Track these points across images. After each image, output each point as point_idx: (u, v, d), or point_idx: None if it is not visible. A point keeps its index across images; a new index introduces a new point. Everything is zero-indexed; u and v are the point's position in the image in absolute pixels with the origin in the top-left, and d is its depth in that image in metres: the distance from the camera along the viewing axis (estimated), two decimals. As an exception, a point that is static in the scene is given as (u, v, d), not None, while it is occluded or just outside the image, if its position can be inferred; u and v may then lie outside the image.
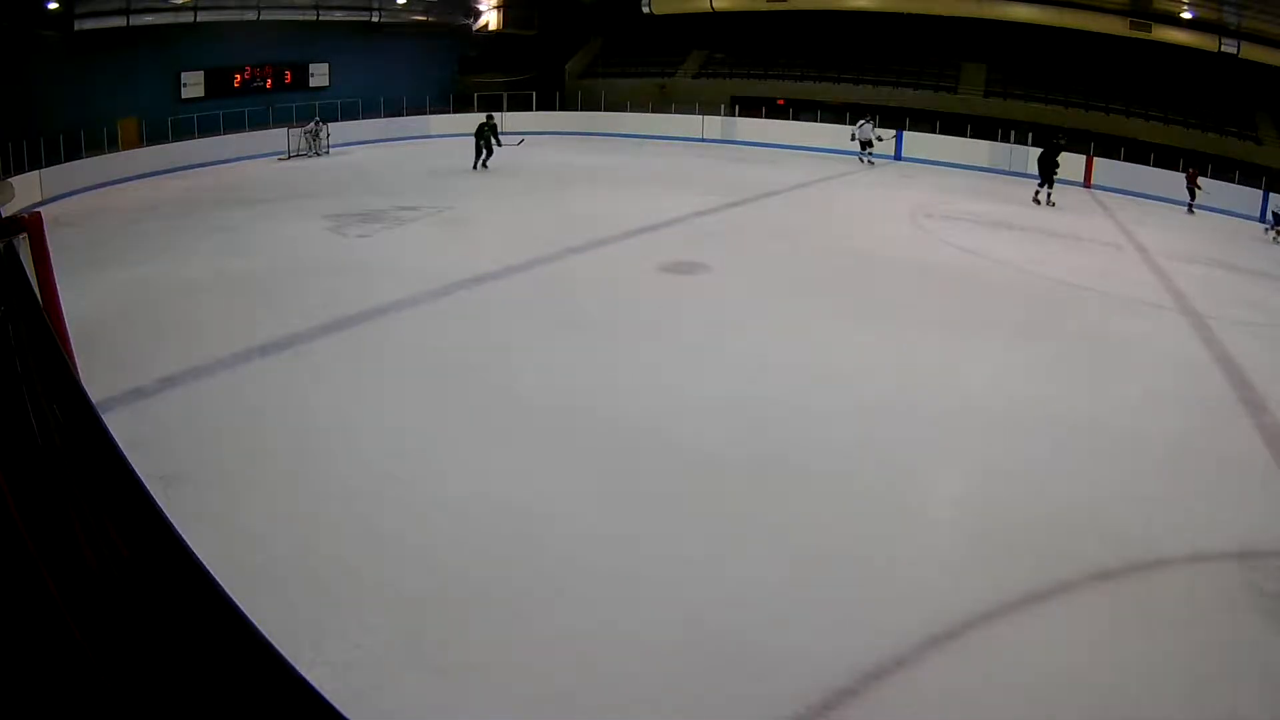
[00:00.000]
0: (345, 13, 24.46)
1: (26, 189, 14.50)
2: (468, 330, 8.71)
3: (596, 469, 5.87)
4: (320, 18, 23.81)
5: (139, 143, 19.44)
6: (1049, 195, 17.03)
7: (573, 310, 9.41)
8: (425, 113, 25.20)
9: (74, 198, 16.02)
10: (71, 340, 4.56)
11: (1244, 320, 10.01)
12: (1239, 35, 19.88)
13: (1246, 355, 8.65)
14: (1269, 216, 16.47)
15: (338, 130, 22.11)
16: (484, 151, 19.14)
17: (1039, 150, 18.17)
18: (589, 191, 16.83)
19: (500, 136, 19.58)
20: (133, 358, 7.52)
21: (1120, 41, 21.48)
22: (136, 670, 1.01)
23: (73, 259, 9.70)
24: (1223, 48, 20.15)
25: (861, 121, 21.87)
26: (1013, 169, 21.14)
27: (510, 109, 26.45)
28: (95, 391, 5.09)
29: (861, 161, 21.68)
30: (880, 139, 21.66)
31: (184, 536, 1.26)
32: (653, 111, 25.90)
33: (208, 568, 1.17)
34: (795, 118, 24.94)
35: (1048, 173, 17.07)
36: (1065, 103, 22.23)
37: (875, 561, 4.91)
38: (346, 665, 3.85)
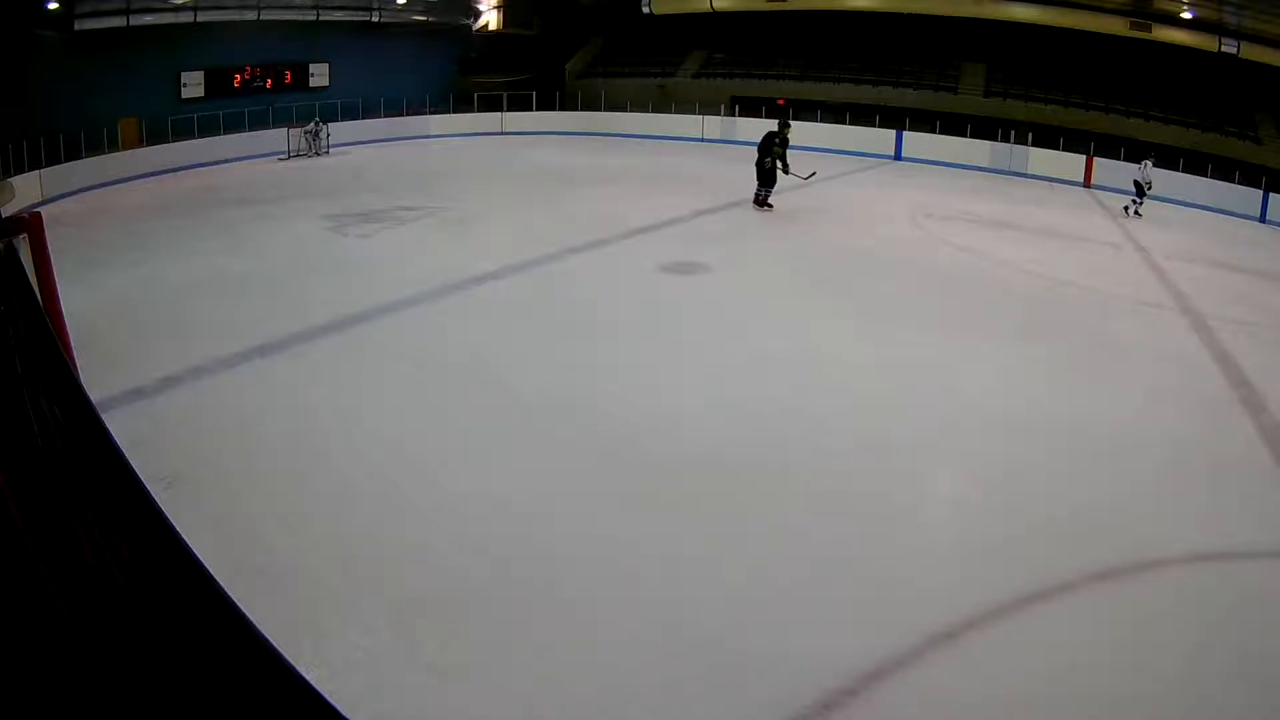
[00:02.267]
0: (345, 13, 24.47)
1: (26, 189, 14.50)
2: (468, 330, 8.71)
3: (596, 469, 5.87)
4: (320, 18, 23.82)
5: (139, 143, 19.44)
6: None
7: (573, 310, 9.41)
8: (425, 113, 25.21)
9: (74, 198, 16.03)
10: (71, 340, 4.56)
11: (1244, 320, 10.01)
12: (1239, 35, 19.89)
13: (1246, 355, 8.64)
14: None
15: (338, 130, 22.11)
16: (769, 180, 13.76)
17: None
18: (589, 191, 16.83)
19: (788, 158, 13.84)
20: (133, 358, 7.52)
21: (1120, 41, 21.49)
22: (137, 671, 1.01)
23: (73, 259, 9.71)
24: (1223, 48, 20.16)
25: (1147, 161, 16.86)
26: (1013, 169, 21.15)
27: (510, 109, 26.46)
28: (95, 391, 5.08)
29: (1128, 212, 16.59)
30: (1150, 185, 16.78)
31: (184, 537, 1.26)
32: (653, 111, 25.90)
33: (208, 568, 1.17)
34: (795, 118, 24.89)
35: None
36: (1065, 103, 22.24)
37: (875, 562, 4.91)
38: (346, 665, 3.85)
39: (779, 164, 13.70)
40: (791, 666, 3.94)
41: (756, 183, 13.95)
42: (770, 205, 13.78)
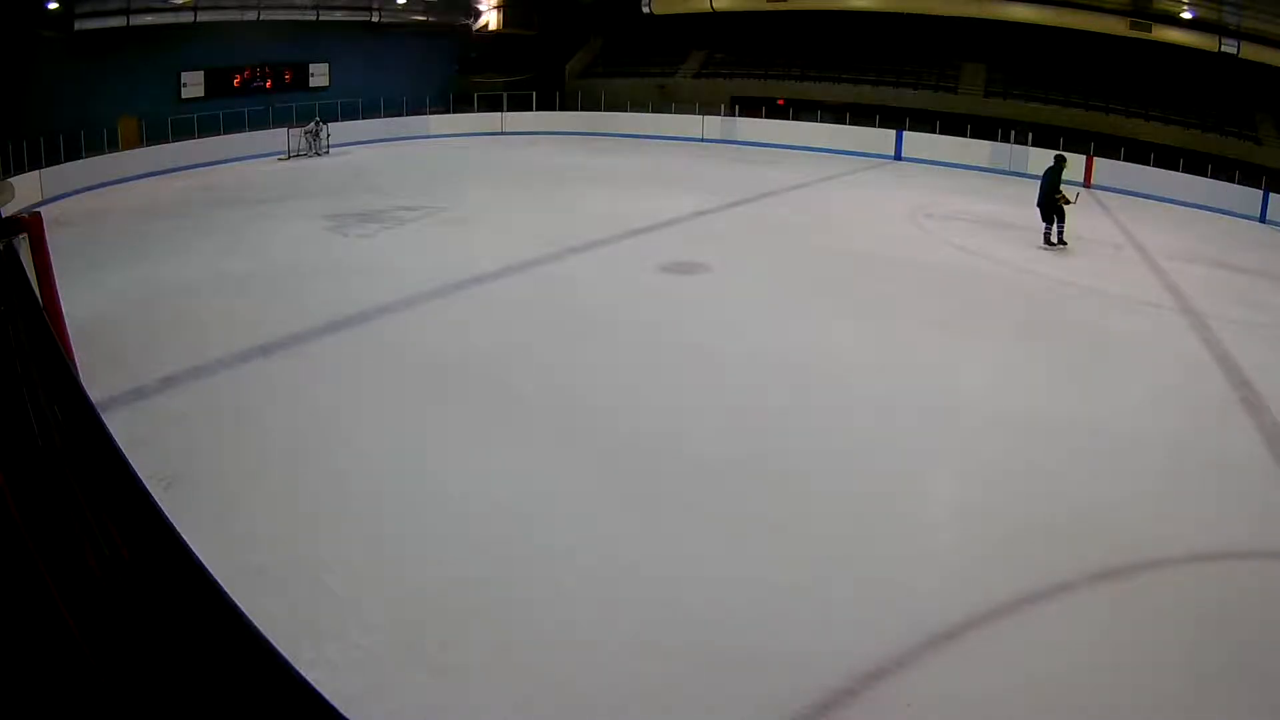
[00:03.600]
0: (345, 13, 24.45)
1: (26, 189, 14.48)
2: (467, 330, 8.71)
3: (596, 469, 5.87)
4: (320, 18, 23.80)
5: (139, 143, 19.43)
6: None
7: (573, 310, 9.41)
8: (425, 113, 25.19)
9: (74, 198, 16.01)
10: (71, 340, 4.57)
11: (1244, 320, 10.01)
12: (1239, 35, 19.87)
13: (1246, 355, 8.64)
14: None
15: (338, 130, 22.10)
16: (1062, 215, 12.90)
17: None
18: (589, 191, 16.82)
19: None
20: (133, 358, 7.52)
21: (1120, 41, 21.47)
22: (136, 670, 1.01)
23: (73, 259, 9.70)
24: (1223, 48, 20.14)
25: None
26: (1013, 169, 21.13)
27: (510, 109, 26.45)
28: (95, 391, 5.09)
29: None
30: None
31: (184, 536, 1.26)
32: (653, 111, 25.89)
33: (208, 568, 1.17)
34: (795, 118, 24.93)
35: None
36: (1065, 103, 22.22)
37: (875, 562, 4.90)
38: (346, 665, 3.85)
39: (1057, 198, 12.91)
40: (792, 666, 3.94)
41: (1046, 223, 13.02)
42: (1065, 242, 12.96)
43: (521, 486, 5.58)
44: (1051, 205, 12.85)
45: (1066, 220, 12.97)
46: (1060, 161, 13.29)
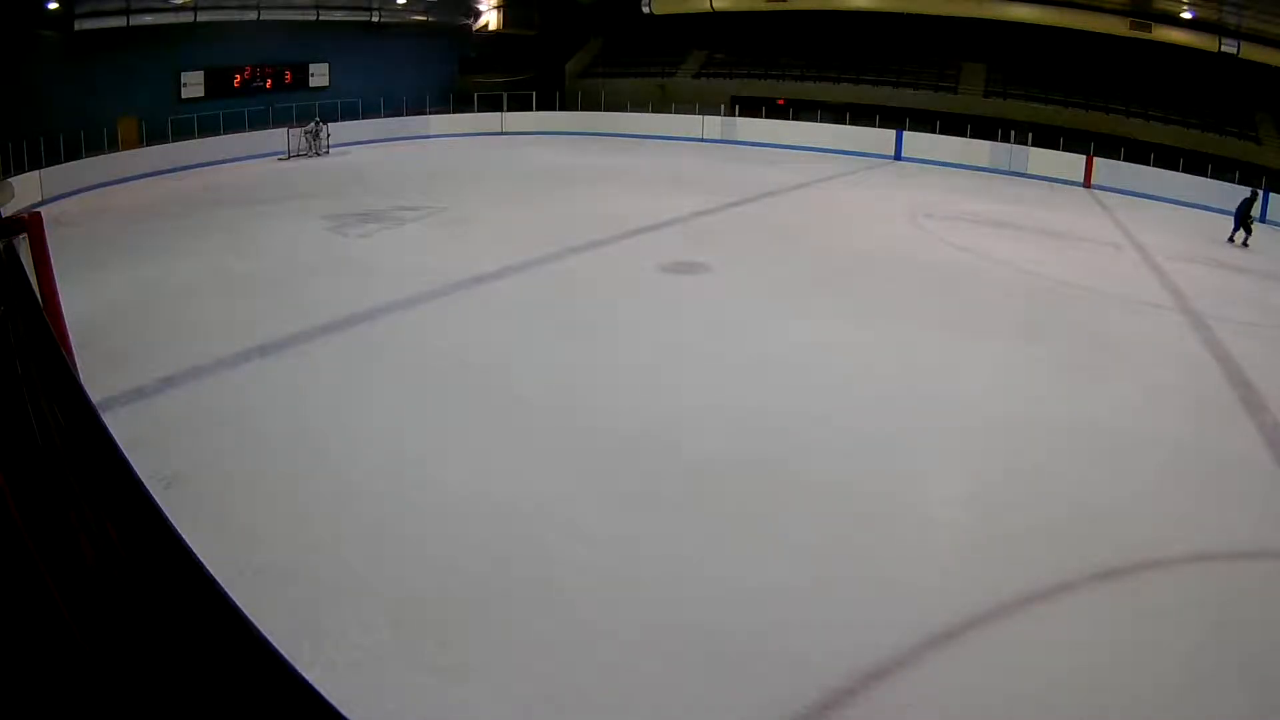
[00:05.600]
0: (345, 13, 24.46)
1: (26, 189, 14.49)
2: (468, 330, 8.71)
3: (596, 469, 5.86)
4: (320, 18, 23.81)
5: (139, 143, 19.43)
6: None
7: (572, 310, 9.41)
8: (425, 113, 25.21)
9: (74, 198, 16.02)
10: (71, 340, 4.57)
11: (1244, 320, 10.01)
12: (1239, 35, 19.88)
13: (1246, 355, 8.64)
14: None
15: (338, 130, 22.11)
16: (1248, 228, 15.84)
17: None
18: (589, 191, 16.82)
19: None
20: (133, 358, 7.52)
21: (1120, 41, 21.48)
22: (136, 670, 1.01)
23: (73, 259, 9.69)
24: (1223, 48, 20.15)
25: None
26: (1013, 169, 21.15)
27: (510, 109, 26.46)
28: (95, 391, 5.08)
29: None
30: None
31: (184, 536, 1.26)
32: (653, 111, 25.90)
33: (207, 567, 1.17)
34: (795, 118, 24.94)
35: None
36: (1065, 103, 22.24)
37: (875, 562, 4.90)
38: (346, 665, 3.85)
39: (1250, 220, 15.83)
40: (791, 666, 3.94)
41: (1244, 230, 15.58)
42: (1248, 245, 15.57)
43: (521, 486, 5.58)
44: (1245, 222, 15.50)
45: (1252, 231, 15.54)
46: (1255, 194, 16.09)
